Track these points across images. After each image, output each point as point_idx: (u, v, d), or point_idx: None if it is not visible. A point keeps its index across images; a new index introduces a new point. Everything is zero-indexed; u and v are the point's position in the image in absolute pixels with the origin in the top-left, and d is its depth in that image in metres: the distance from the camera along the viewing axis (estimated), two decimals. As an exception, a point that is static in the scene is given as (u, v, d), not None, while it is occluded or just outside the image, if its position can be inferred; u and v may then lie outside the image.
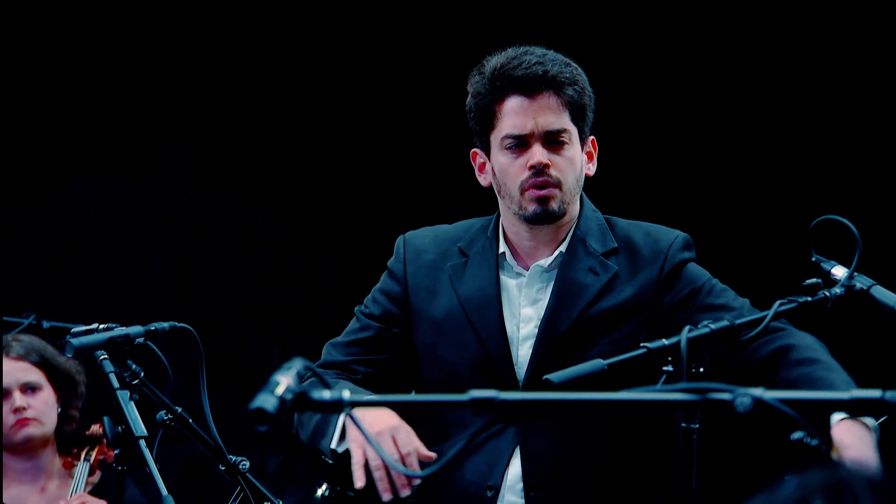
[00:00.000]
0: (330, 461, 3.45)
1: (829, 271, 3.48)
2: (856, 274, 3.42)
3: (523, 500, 3.96)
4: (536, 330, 3.96)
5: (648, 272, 3.93)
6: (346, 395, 2.59)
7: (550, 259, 3.95)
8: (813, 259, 3.54)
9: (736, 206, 7.81)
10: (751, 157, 8.18)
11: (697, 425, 3.25)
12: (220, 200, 8.72)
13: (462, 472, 3.90)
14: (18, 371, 5.08)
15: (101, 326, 4.67)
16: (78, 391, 5.17)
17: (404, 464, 3.59)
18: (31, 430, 5.10)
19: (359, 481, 3.64)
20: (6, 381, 5.08)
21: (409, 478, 3.64)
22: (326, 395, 2.62)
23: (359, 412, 3.53)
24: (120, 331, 4.00)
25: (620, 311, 3.86)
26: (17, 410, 5.07)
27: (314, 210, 8.77)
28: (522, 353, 3.99)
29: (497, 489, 3.95)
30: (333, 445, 3.69)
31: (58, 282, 8.41)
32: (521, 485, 3.98)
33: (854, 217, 3.60)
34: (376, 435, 3.65)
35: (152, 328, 3.99)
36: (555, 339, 3.92)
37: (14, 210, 8.50)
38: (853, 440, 3.45)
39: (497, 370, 3.87)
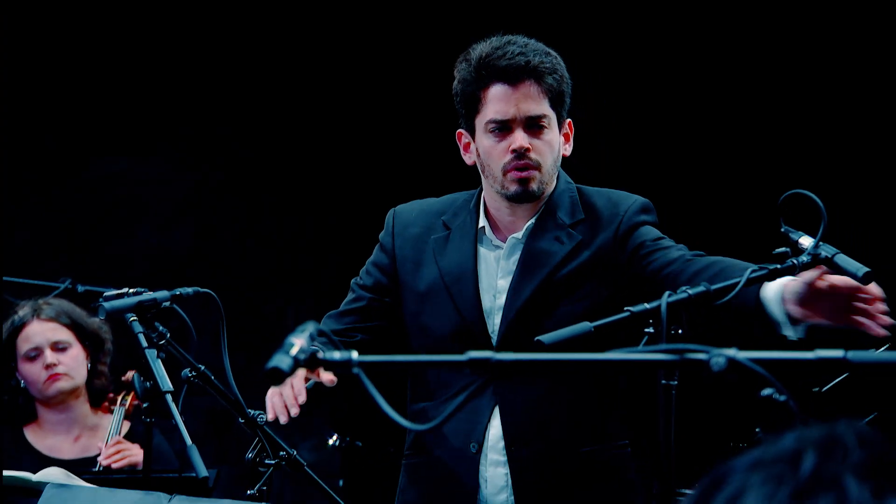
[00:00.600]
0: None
1: (797, 241, 3.46)
2: (821, 243, 3.40)
3: (505, 456, 3.95)
4: (506, 298, 4.01)
5: (606, 233, 3.96)
6: (355, 355, 2.59)
7: (522, 232, 3.94)
8: (782, 230, 3.52)
9: (713, 183, 7.70)
10: (726, 138, 8.09)
11: (676, 381, 3.23)
12: (238, 176, 8.72)
13: (448, 430, 3.91)
14: (49, 331, 5.18)
15: (131, 291, 4.71)
16: (105, 348, 5.22)
17: None
18: (62, 384, 5.17)
19: None
20: (38, 341, 5.21)
21: None
22: (336, 355, 2.63)
23: None
24: (148, 295, 4.07)
25: (581, 274, 3.90)
26: (48, 367, 5.14)
27: (321, 192, 8.78)
28: (497, 322, 4.04)
29: (480, 445, 3.94)
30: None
31: (91, 250, 8.43)
32: (502, 442, 4.00)
33: (827, 194, 3.60)
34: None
35: (177, 293, 4.04)
36: (517, 306, 3.97)
37: (54, 186, 8.59)
38: None
39: (474, 338, 3.88)
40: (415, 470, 4.08)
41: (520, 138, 3.84)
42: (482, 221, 3.99)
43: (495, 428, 3.96)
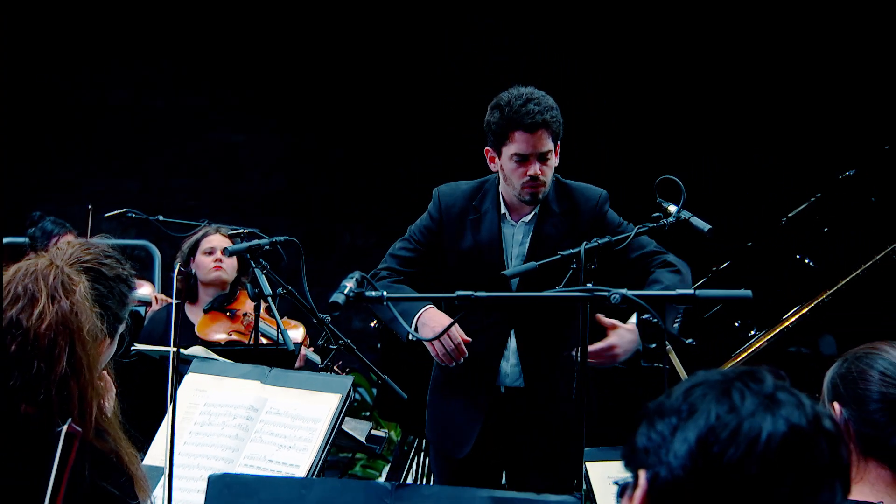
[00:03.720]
0: (403, 339, 3.43)
1: (667, 208, 3.41)
2: (682, 210, 3.42)
3: (518, 360, 3.98)
4: (521, 261, 3.98)
5: (586, 218, 3.93)
6: (385, 294, 2.63)
7: (529, 217, 3.97)
8: (657, 201, 3.44)
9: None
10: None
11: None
12: (323, 139, 8.69)
13: (481, 343, 3.92)
14: (223, 241, 5.04)
15: (245, 232, 4.74)
16: (249, 269, 5.19)
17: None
18: (220, 273, 5.13)
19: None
20: (215, 244, 5.11)
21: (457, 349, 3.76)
22: (374, 293, 2.66)
23: (428, 313, 3.76)
24: (255, 242, 4.07)
25: (569, 246, 3.89)
26: (216, 261, 5.09)
27: (376, 159, 8.55)
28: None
29: (502, 353, 3.99)
30: (411, 331, 3.75)
31: (219, 194, 8.42)
32: (517, 354, 3.97)
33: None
34: (438, 326, 3.73)
35: (273, 239, 3.97)
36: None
37: (192, 147, 8.49)
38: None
39: (498, 286, 3.89)
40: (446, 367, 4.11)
41: (534, 168, 3.82)
42: (503, 209, 4.01)
43: (512, 341, 3.97)
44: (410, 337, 3.73)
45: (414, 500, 2.42)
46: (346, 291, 2.77)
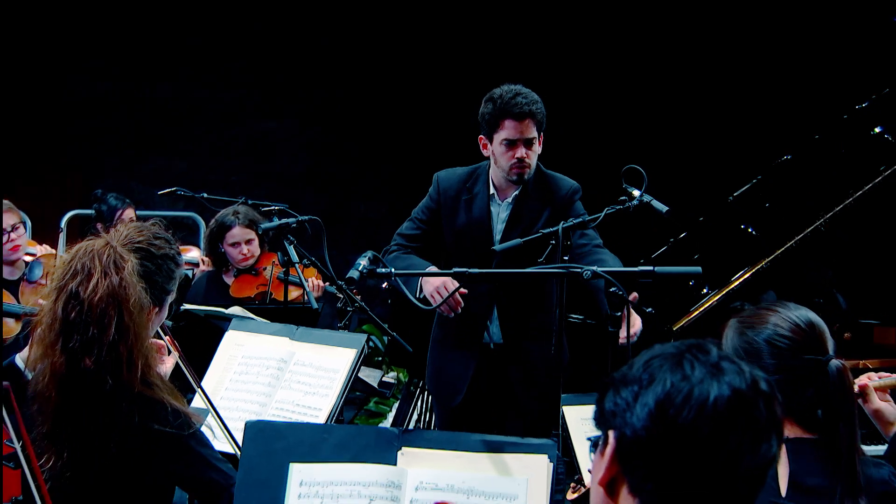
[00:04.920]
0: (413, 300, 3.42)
1: (631, 192, 3.40)
2: (645, 195, 3.40)
3: (498, 320, 3.98)
4: (502, 234, 3.95)
5: (558, 205, 3.90)
6: (393, 269, 2.63)
7: (510, 197, 3.96)
8: (623, 186, 3.44)
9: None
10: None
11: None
12: (340, 127, 8.66)
13: (471, 307, 3.91)
14: (244, 234, 4.93)
15: (276, 209, 4.71)
16: (279, 242, 5.12)
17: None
18: (248, 262, 5.04)
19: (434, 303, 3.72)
20: (238, 238, 5.00)
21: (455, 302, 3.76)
22: (383, 269, 2.65)
23: (428, 278, 3.74)
24: (285, 220, 4.04)
25: (542, 226, 3.87)
26: (242, 254, 5.02)
27: (387, 148, 8.52)
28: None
29: (490, 316, 3.98)
30: (418, 294, 3.75)
31: (251, 174, 8.39)
32: (496, 313, 3.99)
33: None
34: (441, 285, 3.72)
35: (300, 218, 3.95)
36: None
37: (230, 134, 8.44)
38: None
39: (486, 258, 3.89)
40: (445, 321, 4.10)
41: (521, 152, 3.80)
42: (492, 190, 3.98)
43: (495, 309, 3.97)
44: (418, 299, 3.74)
45: (417, 443, 2.40)
46: (360, 268, 2.78)
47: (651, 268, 2.66)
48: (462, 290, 3.67)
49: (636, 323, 3.57)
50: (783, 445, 2.19)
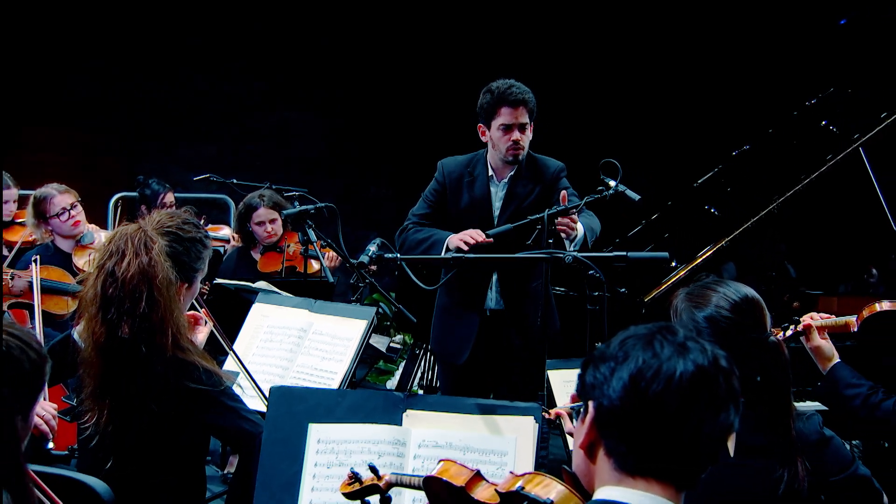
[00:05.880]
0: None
1: (608, 182, 3.34)
2: (620, 185, 3.37)
3: (498, 290, 3.97)
4: (500, 210, 3.94)
5: (548, 183, 3.89)
6: (399, 255, 2.62)
7: (506, 178, 3.95)
8: (601, 177, 3.39)
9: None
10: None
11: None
12: (353, 116, 8.62)
13: (473, 278, 3.90)
14: (269, 214, 4.98)
15: (297, 194, 4.67)
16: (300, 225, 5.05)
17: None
18: (273, 240, 5.02)
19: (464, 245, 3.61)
20: (263, 218, 4.99)
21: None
22: (389, 255, 2.64)
23: (451, 237, 3.65)
24: (303, 207, 3.99)
25: (532, 204, 3.80)
26: (267, 232, 5.00)
27: (397, 141, 8.51)
28: (496, 225, 3.92)
29: (488, 284, 3.96)
30: (442, 254, 3.70)
31: (272, 160, 8.35)
32: (498, 286, 3.96)
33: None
34: (465, 235, 3.63)
35: (318, 205, 3.87)
36: (504, 220, 3.81)
37: (250, 125, 8.40)
38: None
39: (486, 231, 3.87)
40: (450, 289, 4.09)
41: (516, 135, 3.78)
42: (490, 172, 3.96)
43: (495, 277, 3.93)
44: (448, 253, 3.62)
45: (419, 406, 2.43)
46: (370, 254, 2.79)
47: (624, 253, 2.66)
48: (485, 240, 3.62)
49: (579, 229, 3.58)
50: None
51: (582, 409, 1.54)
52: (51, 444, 2.70)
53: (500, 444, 2.38)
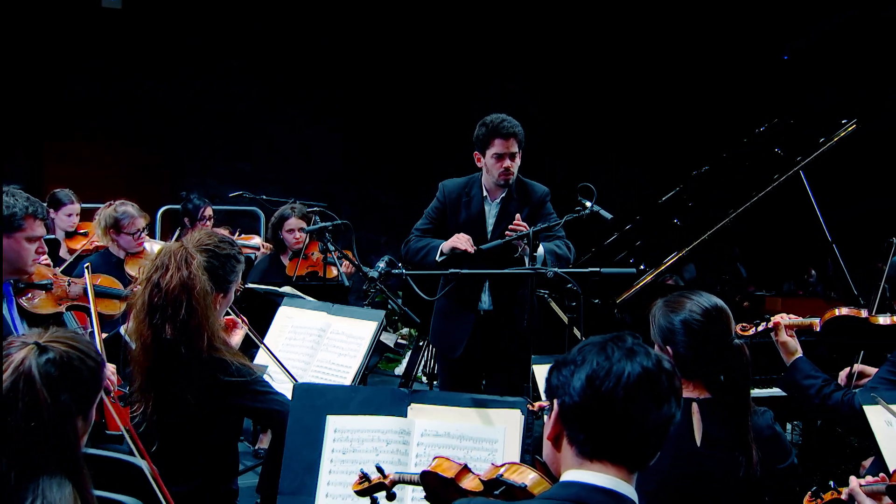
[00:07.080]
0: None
1: (585, 203, 3.36)
2: (596, 206, 3.36)
3: (489, 293, 3.95)
4: (493, 227, 3.92)
5: (535, 205, 3.88)
6: (404, 270, 2.60)
7: (499, 198, 3.93)
8: (578, 198, 3.40)
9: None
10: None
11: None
12: (366, 135, 8.58)
13: (468, 283, 3.88)
14: (299, 223, 4.92)
15: (317, 209, 4.63)
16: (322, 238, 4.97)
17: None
18: (299, 247, 4.94)
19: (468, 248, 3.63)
20: (293, 226, 4.92)
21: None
22: (396, 270, 2.63)
23: (446, 242, 3.63)
24: (325, 224, 3.96)
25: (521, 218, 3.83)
26: (295, 238, 4.99)
27: (398, 149, 8.50)
28: (491, 240, 3.91)
29: (482, 289, 3.94)
30: (438, 258, 3.68)
31: (298, 173, 8.28)
32: (488, 289, 3.95)
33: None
34: (459, 239, 3.65)
35: (336, 222, 3.86)
36: (497, 235, 3.81)
37: (279, 141, 8.31)
38: None
39: (480, 245, 3.86)
40: (447, 292, 4.06)
41: (507, 163, 3.78)
42: (484, 193, 3.92)
43: (487, 287, 3.93)
44: (440, 258, 3.64)
45: (422, 401, 2.41)
46: (379, 270, 2.80)
47: (598, 269, 2.65)
48: (470, 249, 3.60)
49: (540, 249, 3.53)
50: (696, 405, 2.23)
51: (548, 407, 1.58)
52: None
53: (491, 433, 2.37)
